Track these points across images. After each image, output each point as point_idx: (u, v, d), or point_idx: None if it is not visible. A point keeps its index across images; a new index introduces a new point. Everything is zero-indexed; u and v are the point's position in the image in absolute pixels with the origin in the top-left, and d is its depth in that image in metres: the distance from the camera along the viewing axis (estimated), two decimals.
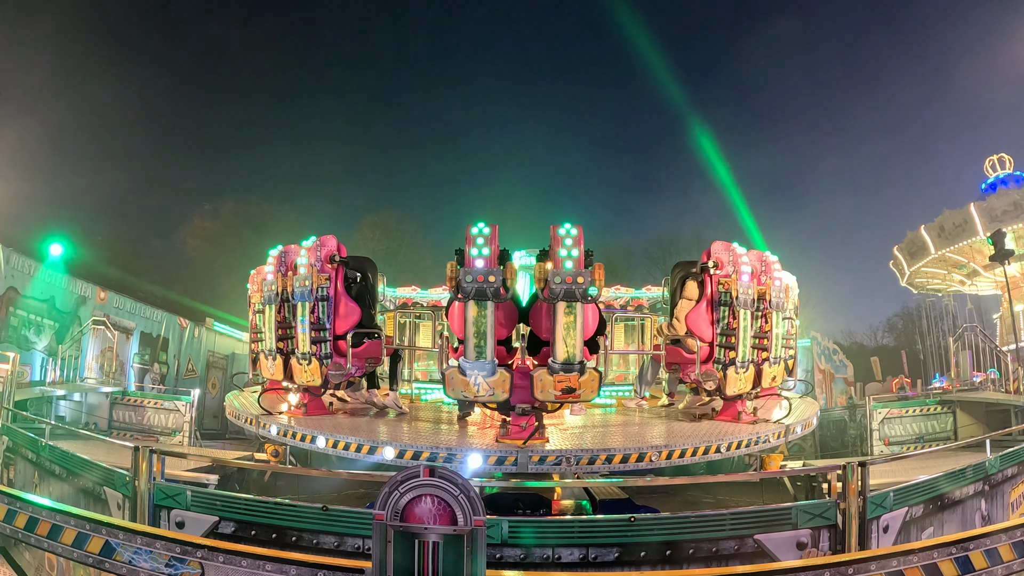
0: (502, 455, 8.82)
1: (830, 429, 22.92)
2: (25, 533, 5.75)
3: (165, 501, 7.33)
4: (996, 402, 17.92)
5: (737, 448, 9.86)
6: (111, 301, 20.77)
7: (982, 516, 8.81)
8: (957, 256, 26.59)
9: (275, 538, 6.78)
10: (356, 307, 11.16)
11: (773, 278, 11.06)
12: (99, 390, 18.33)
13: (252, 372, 13.06)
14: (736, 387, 10.86)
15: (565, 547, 6.31)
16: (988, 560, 5.16)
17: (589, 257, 9.15)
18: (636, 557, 6.37)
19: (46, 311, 18.13)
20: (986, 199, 25.11)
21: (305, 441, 9.97)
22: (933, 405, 18.91)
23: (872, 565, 4.96)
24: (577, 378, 9.14)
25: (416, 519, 4.34)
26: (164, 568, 5.06)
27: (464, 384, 9.31)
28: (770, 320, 10.91)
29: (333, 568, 4.71)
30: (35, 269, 17.79)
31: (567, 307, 9.00)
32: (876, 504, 7.06)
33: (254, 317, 12.13)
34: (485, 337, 9.11)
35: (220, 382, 25.27)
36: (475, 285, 8.98)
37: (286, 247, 11.66)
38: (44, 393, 16.27)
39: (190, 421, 17.74)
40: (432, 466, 4.39)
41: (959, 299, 30.44)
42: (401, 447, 9.12)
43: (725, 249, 11.06)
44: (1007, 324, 23.79)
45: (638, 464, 8.95)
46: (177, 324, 24.25)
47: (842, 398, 25.48)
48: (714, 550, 6.51)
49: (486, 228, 9.15)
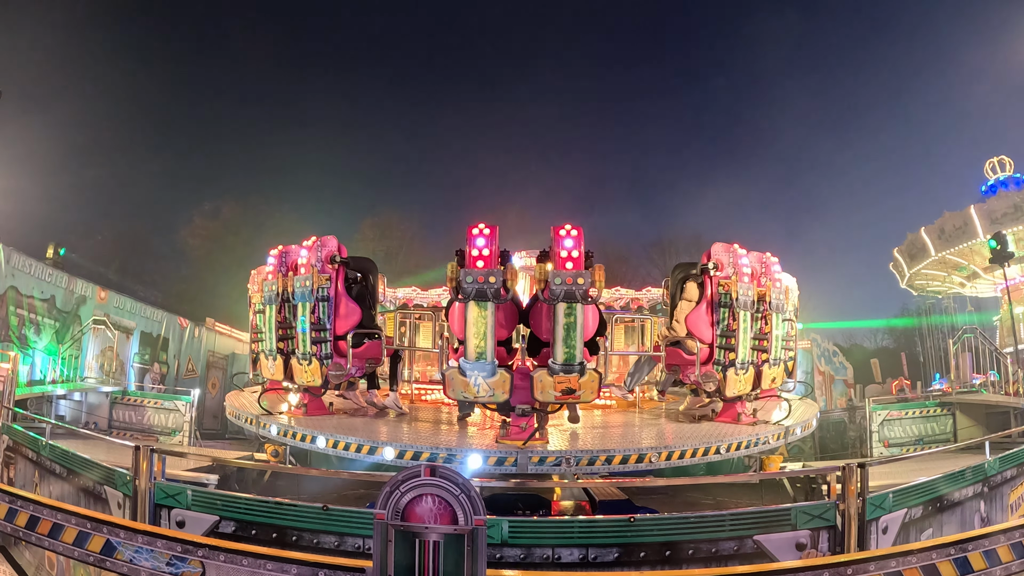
0: (502, 456, 8.83)
1: (830, 431, 22.94)
2: (26, 532, 5.75)
3: (166, 500, 7.34)
4: (996, 404, 17.92)
5: (737, 449, 9.89)
6: (111, 301, 20.79)
7: (981, 518, 8.81)
8: (957, 258, 26.62)
9: (275, 538, 6.79)
10: (356, 307, 11.17)
11: (773, 279, 11.09)
12: (99, 389, 18.35)
13: (252, 372, 13.09)
14: (736, 388, 10.88)
15: (565, 547, 6.32)
16: (987, 561, 5.17)
17: (589, 258, 9.15)
18: (636, 557, 6.38)
19: (46, 310, 18.14)
20: (986, 201, 25.14)
21: (305, 441, 9.98)
22: (933, 407, 18.93)
23: (871, 566, 4.98)
24: (577, 379, 9.16)
25: (417, 518, 4.36)
26: (165, 567, 5.08)
27: (464, 385, 9.33)
28: (770, 322, 10.94)
29: (334, 567, 4.73)
30: (36, 268, 17.80)
31: (567, 308, 9.00)
32: (875, 505, 7.07)
33: (254, 317, 12.16)
34: (485, 338, 9.12)
35: (220, 382, 25.28)
36: (475, 286, 8.99)
37: (287, 247, 11.68)
38: (44, 392, 16.29)
39: (190, 421, 17.77)
40: (433, 466, 4.41)
41: (959, 301, 30.47)
42: (401, 447, 9.14)
43: (725, 251, 11.08)
44: (1007, 327, 23.79)
45: (638, 465, 8.97)
46: (177, 324, 24.26)
47: (842, 400, 25.51)
48: (714, 551, 6.52)
49: (487, 229, 9.15)
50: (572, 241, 9.03)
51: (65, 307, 18.80)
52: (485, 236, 9.11)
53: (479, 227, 9.13)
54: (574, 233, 9.05)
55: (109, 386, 18.72)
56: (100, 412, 18.16)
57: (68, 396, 17.58)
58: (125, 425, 17.94)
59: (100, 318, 19.63)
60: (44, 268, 18.22)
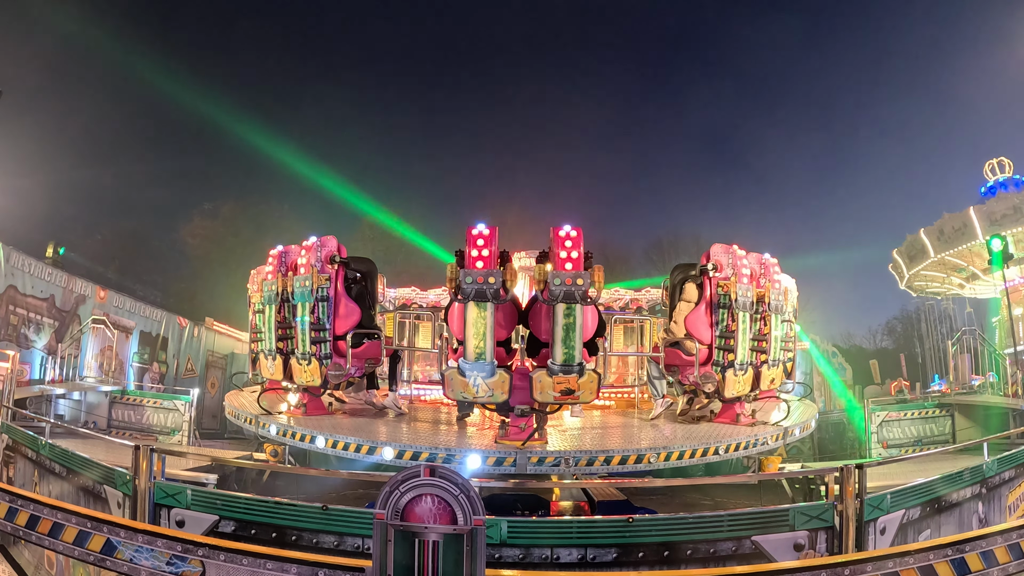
0: (501, 456, 8.85)
1: (829, 432, 22.96)
2: (27, 531, 5.76)
3: (165, 500, 7.35)
4: (994, 405, 17.92)
5: (735, 450, 9.90)
6: (111, 300, 20.82)
7: (979, 519, 8.82)
8: (956, 259, 26.63)
9: (275, 537, 6.80)
10: (356, 307, 11.18)
11: (772, 281, 11.10)
12: (99, 389, 18.35)
13: (252, 372, 13.11)
14: (734, 389, 10.89)
15: (564, 547, 6.33)
16: (984, 562, 5.17)
17: (589, 259, 9.15)
18: (634, 557, 6.40)
19: (45, 310, 18.16)
20: (986, 203, 25.15)
21: (304, 441, 9.99)
22: (931, 408, 18.93)
23: (868, 566, 4.98)
24: (576, 379, 9.15)
25: (416, 518, 4.37)
26: (165, 566, 5.09)
27: (463, 385, 9.33)
28: (769, 323, 10.95)
29: (333, 567, 4.74)
30: (35, 267, 17.82)
31: (566, 309, 9.01)
32: (873, 506, 7.08)
33: (254, 317, 12.17)
34: (485, 338, 9.12)
35: (219, 382, 25.30)
36: (475, 286, 8.99)
37: (286, 247, 11.69)
38: (43, 392, 16.29)
39: (189, 420, 17.77)
40: (433, 466, 4.42)
41: (958, 302, 30.48)
42: (400, 447, 9.15)
43: (725, 251, 11.08)
44: (1006, 328, 23.80)
45: (636, 466, 8.98)
46: (176, 323, 24.28)
47: (841, 401, 25.53)
48: (712, 551, 6.53)
49: (486, 229, 9.16)
50: (571, 242, 9.02)
51: (64, 306, 18.83)
52: (484, 237, 9.10)
53: (478, 228, 9.14)
54: (573, 234, 9.05)
55: (108, 385, 18.73)
56: (99, 412, 18.17)
57: (67, 395, 17.59)
58: (124, 424, 17.93)
59: (100, 317, 19.66)
60: (43, 267, 18.24)
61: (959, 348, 21.45)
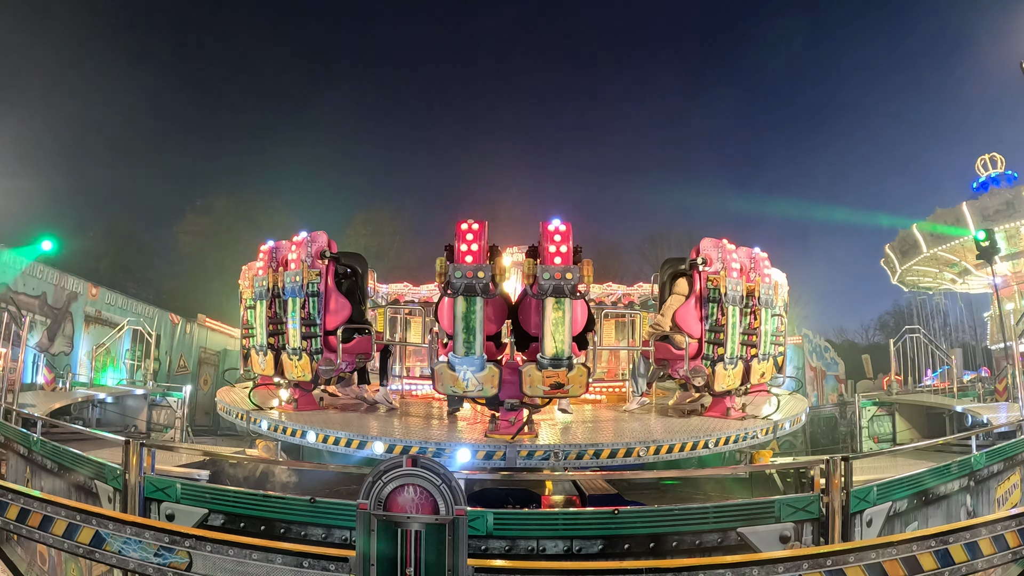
0: (491, 450, 8.87)
1: (821, 426, 23.08)
2: (17, 525, 5.78)
3: (155, 494, 7.35)
4: (933, 405, 17.80)
5: (725, 444, 9.93)
6: (103, 297, 20.78)
7: (967, 511, 8.87)
8: (948, 255, 26.77)
9: (264, 530, 6.80)
10: (346, 303, 11.18)
11: (762, 275, 11.13)
12: (133, 392, 18.09)
13: (243, 368, 13.11)
14: (725, 383, 10.93)
15: (549, 539, 6.36)
16: (968, 554, 5.18)
17: (578, 253, 9.16)
18: (620, 549, 6.43)
19: (37, 307, 18.11)
20: (978, 198, 25.29)
21: (296, 436, 10.00)
22: (869, 406, 18.81)
23: (850, 557, 5.01)
24: (566, 374, 9.18)
25: (399, 508, 4.41)
26: (153, 558, 5.11)
27: (453, 380, 9.35)
28: (759, 317, 10.99)
29: (318, 556, 4.77)
30: (26, 265, 17.77)
31: (556, 303, 9.02)
32: (859, 498, 7.11)
33: (245, 313, 12.18)
34: (474, 333, 9.13)
35: (212, 378, 25.28)
36: (464, 281, 8.99)
37: (277, 243, 11.68)
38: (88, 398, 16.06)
39: (182, 417, 17.75)
40: (415, 456, 4.45)
41: (950, 297, 30.64)
42: (391, 442, 9.16)
43: (714, 246, 11.11)
44: (997, 323, 23.91)
45: (626, 459, 9.02)
46: (169, 320, 24.24)
47: (833, 395, 25.65)
48: (697, 543, 6.55)
49: (475, 224, 9.17)
50: (561, 236, 9.03)
51: (56, 304, 18.78)
52: (474, 231, 9.10)
53: (468, 222, 9.14)
54: (563, 228, 9.04)
55: (140, 388, 18.50)
56: (139, 415, 17.75)
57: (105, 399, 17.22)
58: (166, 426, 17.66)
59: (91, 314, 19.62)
60: (35, 264, 18.19)
61: (900, 348, 21.21)
